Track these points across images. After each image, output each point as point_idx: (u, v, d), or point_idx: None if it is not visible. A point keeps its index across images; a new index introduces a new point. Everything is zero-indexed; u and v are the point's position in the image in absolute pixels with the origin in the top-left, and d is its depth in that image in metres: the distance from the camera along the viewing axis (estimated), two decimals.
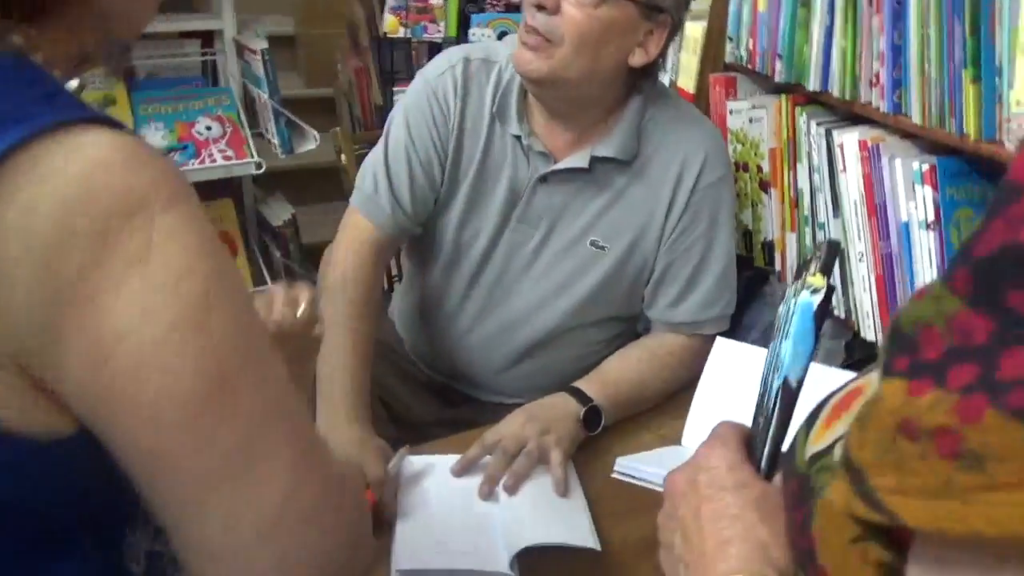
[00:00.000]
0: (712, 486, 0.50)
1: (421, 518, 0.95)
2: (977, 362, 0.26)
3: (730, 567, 0.46)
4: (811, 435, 0.44)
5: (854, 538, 0.37)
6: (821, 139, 1.22)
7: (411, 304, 1.30)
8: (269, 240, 1.80)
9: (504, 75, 1.15)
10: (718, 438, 0.53)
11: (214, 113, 1.67)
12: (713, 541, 0.48)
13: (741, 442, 0.52)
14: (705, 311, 1.18)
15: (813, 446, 0.43)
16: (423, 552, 0.91)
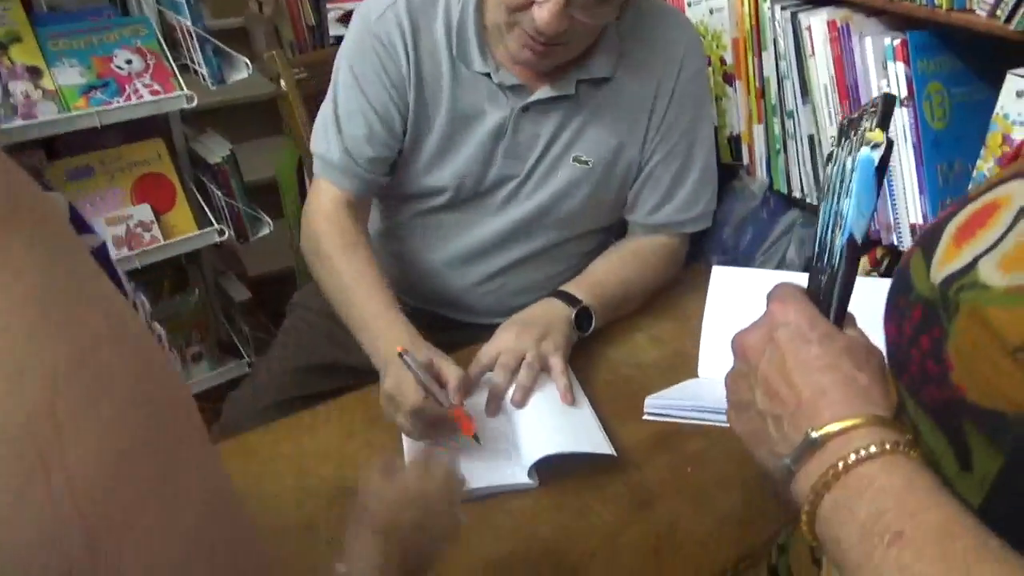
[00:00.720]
0: (795, 340, 0.49)
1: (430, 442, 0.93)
2: None
3: (835, 413, 0.45)
4: (935, 260, 0.43)
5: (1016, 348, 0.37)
6: (787, 23, 1.20)
7: (384, 237, 1.24)
8: (208, 180, 1.69)
9: (452, 6, 1.05)
10: (787, 296, 0.52)
11: (132, 45, 1.53)
12: (809, 390, 0.47)
13: (811, 301, 0.52)
14: (688, 210, 1.17)
15: (943, 269, 0.42)
16: None
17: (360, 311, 1.02)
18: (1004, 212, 0.41)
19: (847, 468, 0.43)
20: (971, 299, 0.40)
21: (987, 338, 0.39)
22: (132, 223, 1.54)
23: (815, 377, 0.47)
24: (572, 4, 0.92)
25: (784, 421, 0.48)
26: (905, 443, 0.43)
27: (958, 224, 0.44)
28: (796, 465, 0.46)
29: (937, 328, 0.42)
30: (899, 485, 0.41)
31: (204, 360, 1.77)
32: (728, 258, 1.35)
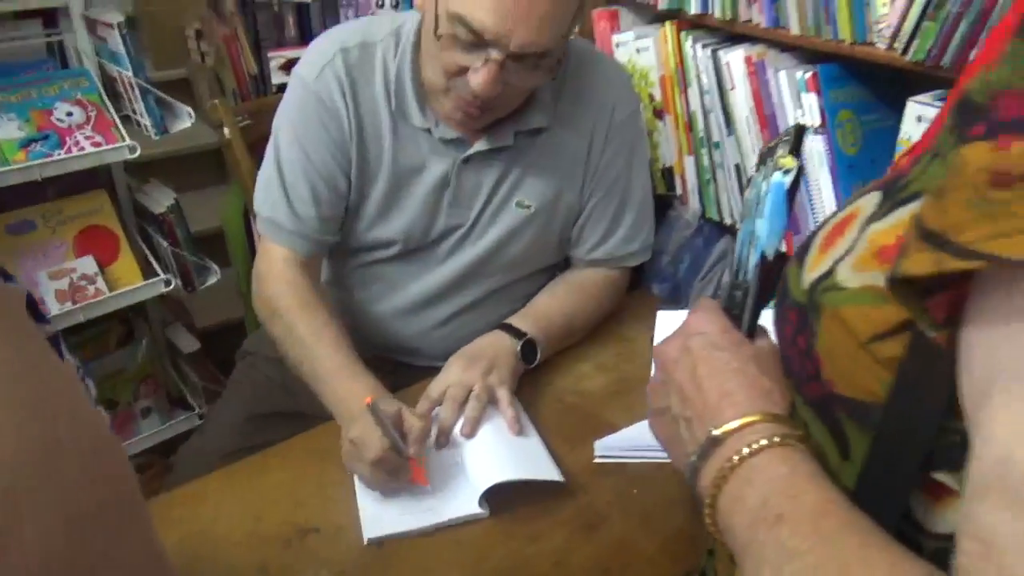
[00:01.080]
0: (707, 347, 0.53)
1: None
2: None
3: (738, 411, 0.49)
4: (806, 266, 0.47)
5: (866, 341, 0.41)
6: (708, 61, 1.27)
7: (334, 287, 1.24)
8: (153, 230, 1.68)
9: (388, 61, 1.07)
10: (704, 309, 0.56)
11: (72, 97, 1.53)
12: (716, 393, 0.51)
13: (725, 313, 0.56)
14: (628, 245, 1.21)
15: (811, 274, 0.47)
16: (390, 516, 0.90)
17: (322, 366, 1.02)
18: (857, 221, 0.46)
19: (741, 460, 0.46)
20: (830, 300, 0.44)
21: (844, 334, 0.43)
22: (75, 276, 1.52)
23: (723, 380, 0.51)
24: (506, 69, 0.94)
25: (694, 422, 0.51)
26: (795, 437, 0.47)
27: (823, 234, 0.48)
28: (700, 462, 0.49)
29: (808, 329, 0.46)
30: (784, 473, 0.45)
31: (154, 414, 1.74)
32: (668, 285, 1.40)
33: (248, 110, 1.52)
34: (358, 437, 0.90)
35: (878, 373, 0.41)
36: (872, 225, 0.44)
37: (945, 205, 0.32)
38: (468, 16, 0.91)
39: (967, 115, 0.33)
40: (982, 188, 0.31)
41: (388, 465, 0.89)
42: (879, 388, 0.41)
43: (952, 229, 0.32)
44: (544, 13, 0.91)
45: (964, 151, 0.32)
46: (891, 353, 0.40)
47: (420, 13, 1.04)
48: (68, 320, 1.49)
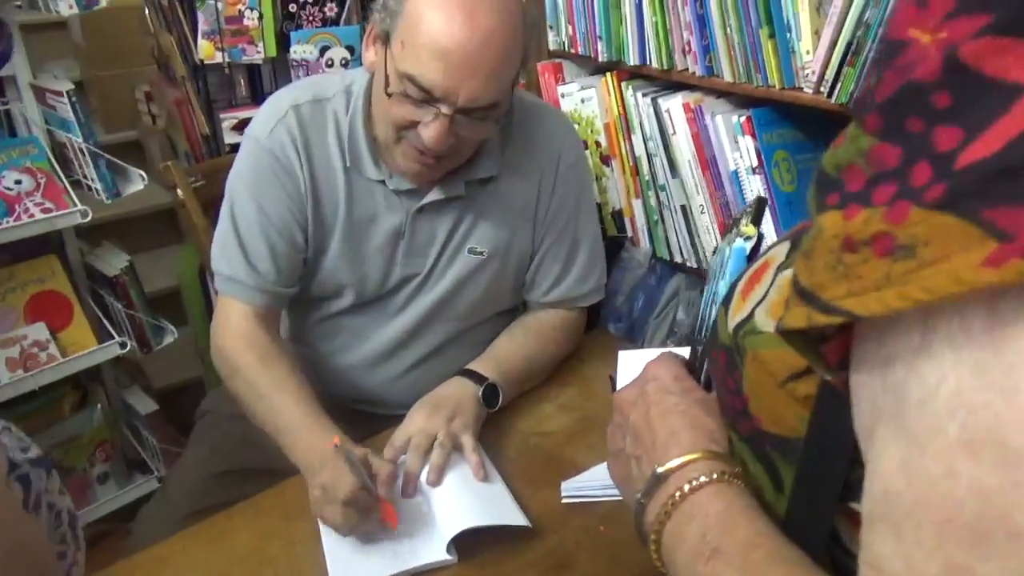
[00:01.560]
0: (660, 392, 0.57)
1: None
2: (894, 180, 0.32)
3: (683, 449, 0.52)
4: (730, 311, 0.51)
5: (783, 381, 0.45)
6: (649, 108, 1.33)
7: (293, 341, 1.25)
8: (106, 292, 1.67)
9: (340, 117, 1.10)
10: (661, 358, 0.60)
11: (21, 165, 1.53)
12: (664, 432, 0.54)
13: (681, 363, 0.60)
14: (581, 286, 1.24)
15: (734, 319, 0.50)
16: (357, 565, 0.90)
17: (284, 418, 1.02)
18: (771, 269, 0.50)
19: (683, 496, 0.49)
20: (750, 343, 0.47)
21: (764, 375, 0.46)
22: (26, 343, 1.50)
23: (670, 421, 0.54)
24: (456, 123, 0.98)
25: (643, 460, 0.54)
26: (732, 473, 0.50)
27: (744, 281, 0.52)
28: (645, 499, 0.52)
29: (736, 371, 0.49)
30: (720, 508, 0.48)
31: (111, 479, 1.71)
32: (624, 324, 1.44)
33: (201, 171, 1.53)
34: (327, 480, 0.91)
35: (796, 411, 0.44)
36: (781, 273, 0.48)
37: (812, 265, 0.36)
38: (417, 76, 0.94)
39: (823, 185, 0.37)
40: (836, 252, 0.34)
41: (360, 504, 0.90)
42: (799, 424, 0.45)
43: (818, 287, 0.35)
44: (490, 69, 0.95)
45: (822, 218, 0.35)
46: (806, 392, 0.43)
47: (370, 72, 1.07)
48: (19, 388, 1.46)
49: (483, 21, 0.93)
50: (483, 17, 0.93)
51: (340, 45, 1.74)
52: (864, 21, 1.01)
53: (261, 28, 1.68)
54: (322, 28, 1.73)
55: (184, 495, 1.19)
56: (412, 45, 0.94)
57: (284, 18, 1.71)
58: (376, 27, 1.01)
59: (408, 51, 0.95)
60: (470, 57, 0.93)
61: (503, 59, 0.96)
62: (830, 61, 1.07)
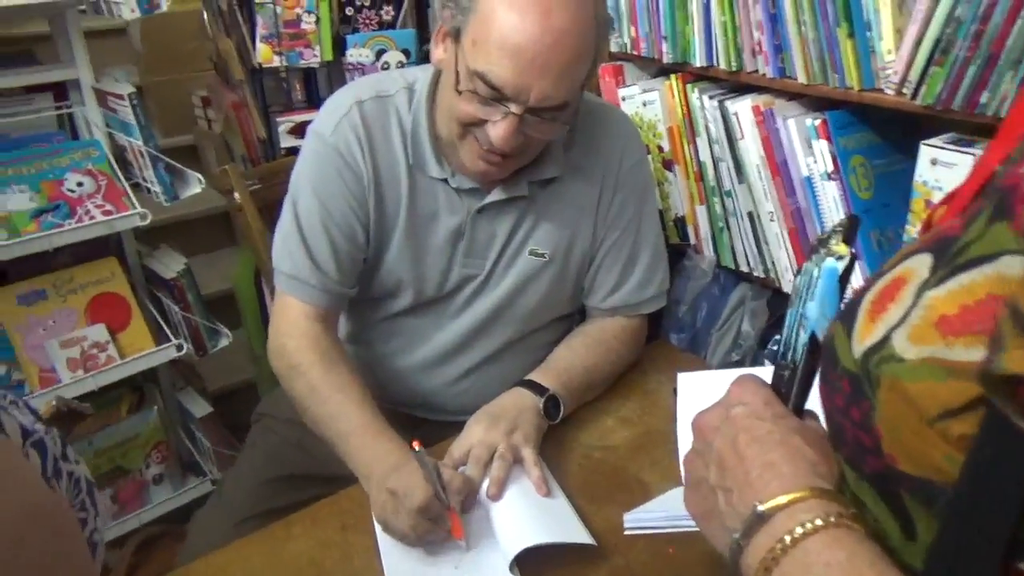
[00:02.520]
0: (749, 417, 0.51)
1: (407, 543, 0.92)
2: None
3: (783, 485, 0.46)
4: (855, 334, 0.45)
5: (933, 419, 0.39)
6: (716, 111, 1.29)
7: (351, 342, 1.23)
8: (164, 295, 1.68)
9: (403, 114, 1.09)
10: (746, 380, 0.55)
11: (83, 167, 1.55)
12: (759, 464, 0.48)
13: (769, 387, 0.55)
14: (642, 291, 1.20)
15: (862, 344, 0.44)
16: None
17: (348, 423, 1.01)
18: (910, 286, 0.43)
19: (794, 542, 0.44)
20: (889, 372, 0.41)
21: (907, 409, 0.40)
22: (87, 344, 1.52)
23: (765, 450, 0.49)
24: (524, 122, 0.96)
25: (734, 494, 0.49)
26: (849, 516, 0.44)
27: (871, 299, 0.46)
28: (744, 540, 0.47)
29: (865, 400, 0.43)
30: (842, 559, 0.42)
31: (166, 481, 1.72)
32: (686, 336, 1.39)
33: (258, 174, 1.54)
34: (401, 485, 0.89)
35: (947, 451, 0.39)
36: (928, 292, 0.41)
37: None
38: (489, 73, 0.93)
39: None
40: None
41: (432, 512, 0.88)
42: (948, 467, 0.39)
43: None
44: (562, 69, 0.93)
45: None
46: (962, 431, 0.38)
47: (437, 68, 1.06)
48: (79, 388, 1.47)
49: (557, 20, 0.91)
50: (557, 16, 0.91)
51: (396, 48, 1.73)
52: (955, 17, 0.95)
53: (318, 32, 1.68)
54: (378, 31, 1.73)
55: (239, 499, 1.19)
56: (484, 42, 0.92)
57: (341, 22, 1.71)
58: (446, 24, 1.00)
59: (480, 48, 0.93)
60: (542, 56, 0.91)
61: (575, 59, 0.94)
62: (914, 61, 1.01)
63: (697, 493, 0.54)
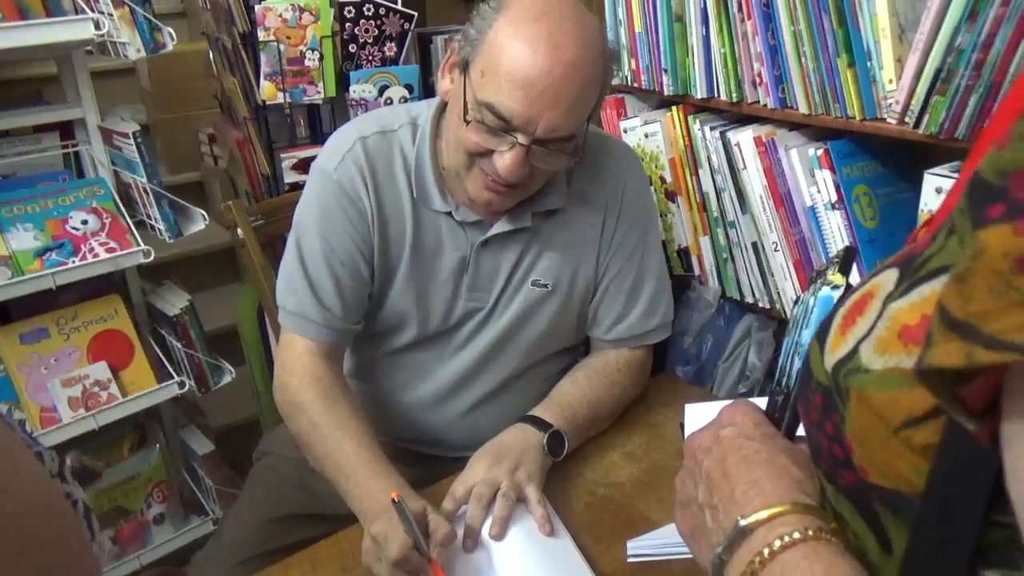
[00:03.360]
0: (738, 437, 0.51)
1: None
2: None
3: (767, 501, 0.46)
4: (827, 348, 0.46)
5: (896, 428, 0.39)
6: (717, 142, 1.28)
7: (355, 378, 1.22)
8: (167, 332, 1.67)
9: (407, 148, 1.09)
10: (739, 403, 0.55)
11: (88, 206, 1.55)
12: (744, 481, 0.48)
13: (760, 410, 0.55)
14: (647, 321, 1.19)
15: (833, 356, 0.45)
16: None
17: (346, 461, 1.00)
18: (876, 300, 0.44)
19: (772, 555, 0.44)
20: (856, 383, 0.42)
21: (874, 420, 0.40)
22: (88, 383, 1.51)
23: (751, 468, 0.49)
24: (531, 153, 0.96)
25: (719, 511, 0.49)
26: (828, 530, 0.44)
27: (843, 314, 0.46)
28: (726, 554, 0.47)
29: (836, 413, 0.43)
30: (819, 572, 0.42)
31: (167, 521, 1.69)
32: (692, 367, 1.37)
33: (261, 210, 1.54)
34: (380, 533, 0.88)
35: (913, 461, 0.39)
36: (892, 304, 0.42)
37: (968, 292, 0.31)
38: (497, 104, 0.93)
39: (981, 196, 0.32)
40: (1006, 275, 0.29)
41: (408, 566, 0.86)
42: (915, 477, 0.39)
43: (978, 318, 0.30)
44: (571, 101, 0.94)
45: (983, 235, 0.31)
46: (925, 440, 0.38)
47: (443, 100, 1.07)
48: (81, 427, 1.46)
49: (567, 52, 0.92)
50: (567, 49, 0.92)
51: (399, 84, 1.74)
52: (955, 47, 0.95)
53: (321, 69, 1.69)
54: (381, 68, 1.74)
55: (239, 540, 1.17)
56: (493, 73, 0.93)
57: (344, 58, 1.72)
58: (454, 55, 1.01)
59: (489, 79, 0.94)
60: (552, 88, 0.92)
61: (583, 91, 0.95)
62: (916, 91, 1.01)
63: (686, 512, 0.55)
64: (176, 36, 1.52)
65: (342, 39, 1.70)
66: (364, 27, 1.72)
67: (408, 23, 1.74)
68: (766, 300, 1.31)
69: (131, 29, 1.51)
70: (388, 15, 1.72)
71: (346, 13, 1.69)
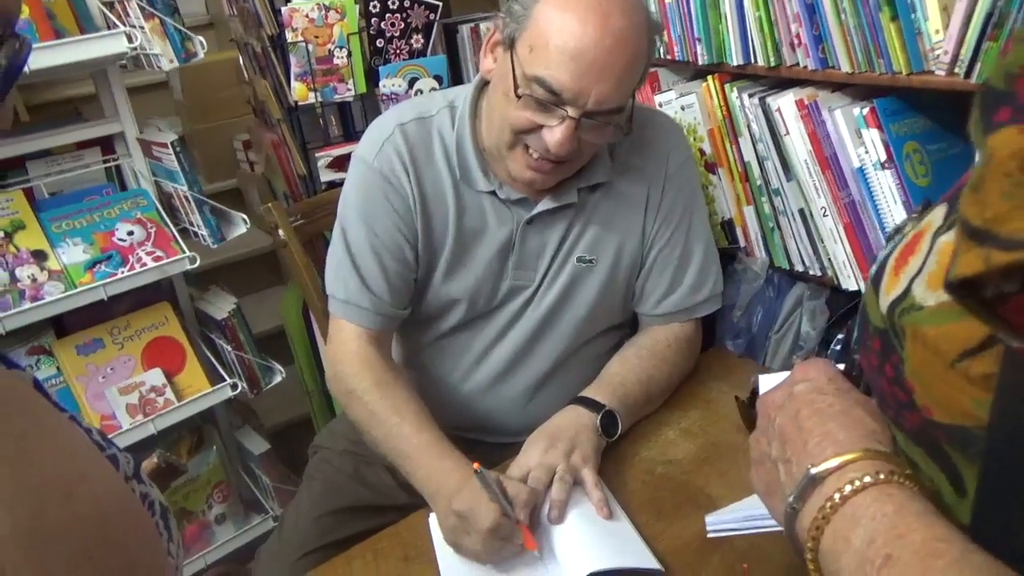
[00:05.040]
0: (811, 392, 0.51)
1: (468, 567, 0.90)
2: None
3: (838, 449, 0.46)
4: (881, 290, 0.45)
5: (953, 360, 0.38)
6: (756, 109, 1.25)
7: (405, 366, 1.23)
8: (216, 336, 1.70)
9: (446, 132, 1.10)
10: (813, 360, 0.55)
11: (132, 216, 1.58)
12: (818, 433, 0.48)
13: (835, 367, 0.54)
14: (696, 294, 1.17)
15: (887, 297, 0.44)
16: None
17: (408, 443, 1.01)
18: (927, 237, 0.44)
19: (843, 499, 0.44)
20: (910, 321, 0.41)
21: (930, 356, 0.40)
22: (144, 389, 1.54)
23: (824, 421, 0.49)
24: (580, 127, 0.96)
25: (792, 464, 0.49)
26: (900, 474, 0.43)
27: (895, 256, 0.46)
28: (798, 503, 0.46)
29: (894, 355, 0.43)
30: (891, 511, 0.42)
31: (228, 520, 1.72)
32: (743, 341, 1.35)
33: (300, 210, 1.55)
34: (465, 507, 0.89)
35: (973, 394, 0.38)
36: (940, 237, 0.42)
37: (983, 198, 0.31)
38: (547, 78, 0.93)
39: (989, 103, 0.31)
40: (1015, 175, 0.29)
41: (503, 532, 0.87)
42: (977, 410, 0.38)
43: (993, 222, 0.30)
44: (620, 71, 0.94)
45: (992, 140, 0.30)
46: (983, 370, 0.37)
47: (484, 79, 1.07)
48: (140, 433, 1.49)
49: (616, 23, 0.92)
50: (616, 19, 0.92)
51: (428, 76, 1.74)
52: None
53: (351, 66, 1.69)
54: (409, 60, 1.74)
55: (299, 534, 1.18)
56: (543, 47, 0.93)
57: (372, 54, 1.72)
58: (498, 33, 1.01)
59: (538, 54, 0.94)
60: (602, 59, 0.92)
61: (632, 62, 0.95)
62: (965, 38, 0.97)
63: (760, 469, 0.55)
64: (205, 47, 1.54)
65: (369, 35, 1.70)
66: (390, 21, 1.72)
67: (433, 14, 1.73)
68: (817, 267, 1.28)
69: (162, 40, 1.53)
70: (413, 7, 1.72)
71: (371, 8, 1.69)
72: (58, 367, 1.52)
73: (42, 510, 0.38)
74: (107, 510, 0.42)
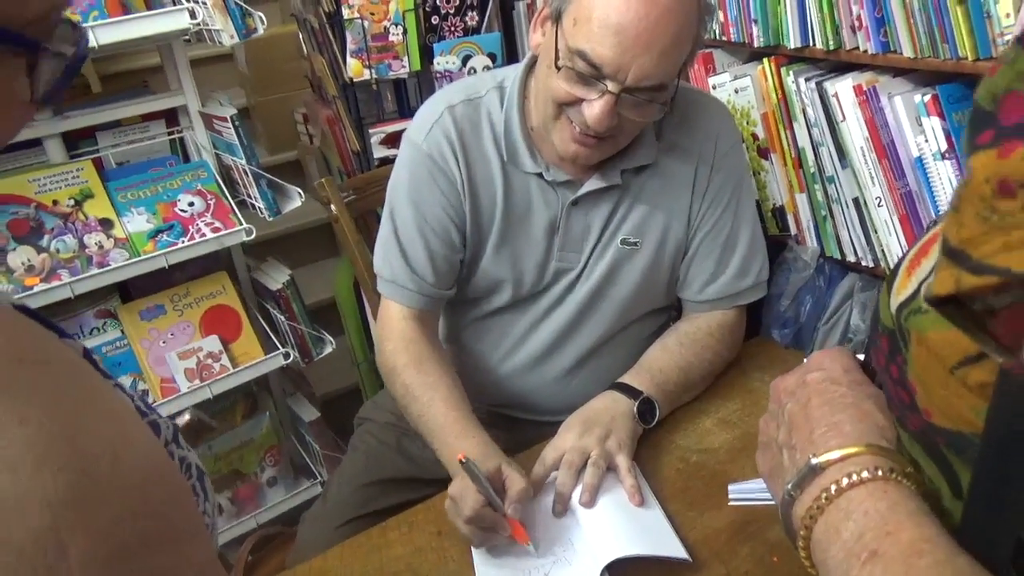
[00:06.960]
0: (824, 382, 0.51)
1: (499, 548, 0.91)
2: None
3: (842, 442, 0.46)
4: (894, 289, 0.45)
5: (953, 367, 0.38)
6: (813, 93, 1.22)
7: (449, 343, 1.25)
8: (271, 306, 1.76)
9: (494, 113, 1.10)
10: (832, 349, 0.54)
11: (194, 188, 1.64)
12: (825, 423, 0.48)
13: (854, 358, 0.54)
14: (740, 281, 1.15)
15: (897, 298, 0.44)
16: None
17: (435, 421, 1.04)
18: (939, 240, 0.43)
19: (839, 492, 0.44)
20: (915, 324, 0.41)
21: (932, 360, 0.40)
22: (202, 355, 1.60)
23: (834, 412, 0.49)
24: (621, 102, 0.95)
25: (796, 451, 0.49)
26: (900, 472, 0.44)
27: (910, 256, 0.46)
28: (796, 491, 0.47)
29: (899, 356, 0.43)
30: (883, 508, 0.42)
31: (279, 483, 1.79)
32: (790, 331, 1.32)
33: (353, 186, 1.58)
34: (456, 492, 0.91)
35: (971, 401, 0.38)
36: None
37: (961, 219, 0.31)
38: (589, 51, 0.93)
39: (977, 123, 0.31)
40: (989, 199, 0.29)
41: (483, 522, 0.89)
42: (974, 417, 0.38)
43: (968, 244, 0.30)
44: (663, 48, 0.93)
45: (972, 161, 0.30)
46: (981, 379, 0.37)
47: (534, 54, 1.07)
48: (198, 396, 1.56)
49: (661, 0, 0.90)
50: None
51: (482, 53, 1.74)
52: None
53: (405, 43, 1.70)
54: (464, 38, 1.74)
55: (342, 502, 1.22)
56: (586, 20, 0.93)
57: (427, 31, 1.73)
58: (547, 7, 1.01)
59: (581, 27, 0.94)
60: (645, 33, 0.91)
61: (677, 39, 0.93)
62: None
63: (766, 453, 0.56)
64: (268, 20, 1.57)
65: (424, 11, 1.71)
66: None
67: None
68: (870, 258, 1.24)
69: (224, 16, 1.56)
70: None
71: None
72: (122, 330, 1.60)
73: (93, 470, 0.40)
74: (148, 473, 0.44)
